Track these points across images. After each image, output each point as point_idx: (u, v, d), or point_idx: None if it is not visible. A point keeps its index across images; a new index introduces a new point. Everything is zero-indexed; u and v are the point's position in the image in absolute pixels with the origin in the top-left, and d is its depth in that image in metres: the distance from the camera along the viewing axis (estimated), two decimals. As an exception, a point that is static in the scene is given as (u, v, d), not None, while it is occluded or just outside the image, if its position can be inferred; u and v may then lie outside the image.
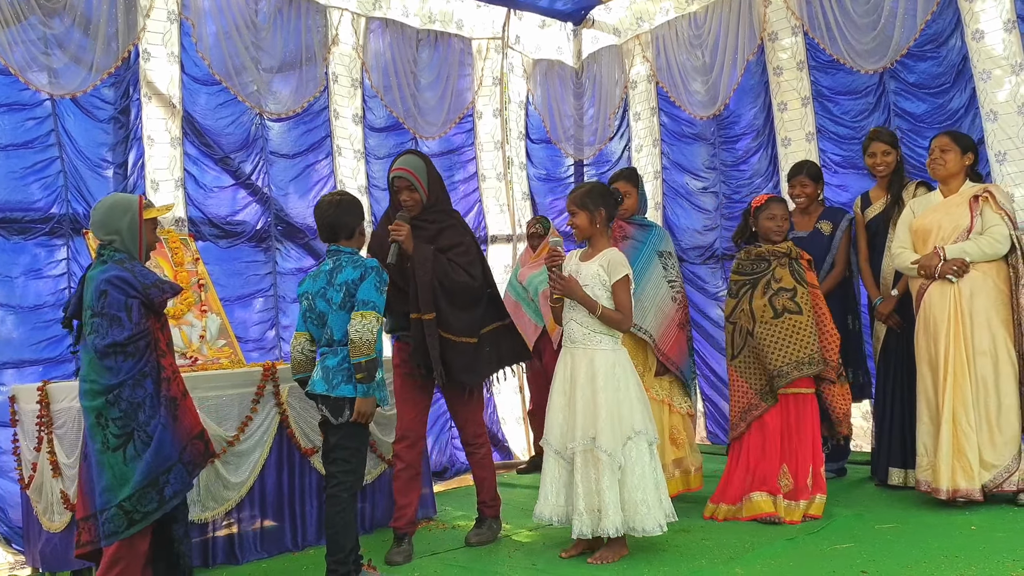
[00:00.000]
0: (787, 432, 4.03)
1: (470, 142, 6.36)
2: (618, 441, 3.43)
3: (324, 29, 5.42)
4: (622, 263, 3.57)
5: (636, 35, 6.45)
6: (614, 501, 3.40)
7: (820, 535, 3.70)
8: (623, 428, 3.45)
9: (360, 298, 3.20)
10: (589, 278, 3.55)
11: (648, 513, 3.43)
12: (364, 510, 4.33)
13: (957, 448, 3.88)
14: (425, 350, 3.69)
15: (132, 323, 2.99)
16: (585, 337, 3.53)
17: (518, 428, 6.36)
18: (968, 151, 4.12)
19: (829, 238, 4.69)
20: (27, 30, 4.24)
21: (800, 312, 4.02)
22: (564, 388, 3.58)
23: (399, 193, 3.76)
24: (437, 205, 3.85)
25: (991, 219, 3.96)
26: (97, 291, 3.01)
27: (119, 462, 2.97)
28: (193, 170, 4.92)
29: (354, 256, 3.33)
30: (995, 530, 3.56)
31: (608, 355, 3.52)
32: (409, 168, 3.76)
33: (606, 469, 3.40)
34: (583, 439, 3.45)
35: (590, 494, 3.44)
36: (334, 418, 3.24)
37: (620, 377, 3.51)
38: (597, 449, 3.41)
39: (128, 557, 3.00)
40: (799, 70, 5.58)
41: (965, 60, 4.78)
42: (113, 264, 3.05)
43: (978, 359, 3.91)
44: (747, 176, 5.93)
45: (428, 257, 3.69)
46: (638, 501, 3.43)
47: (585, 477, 3.45)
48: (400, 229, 3.65)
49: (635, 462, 3.45)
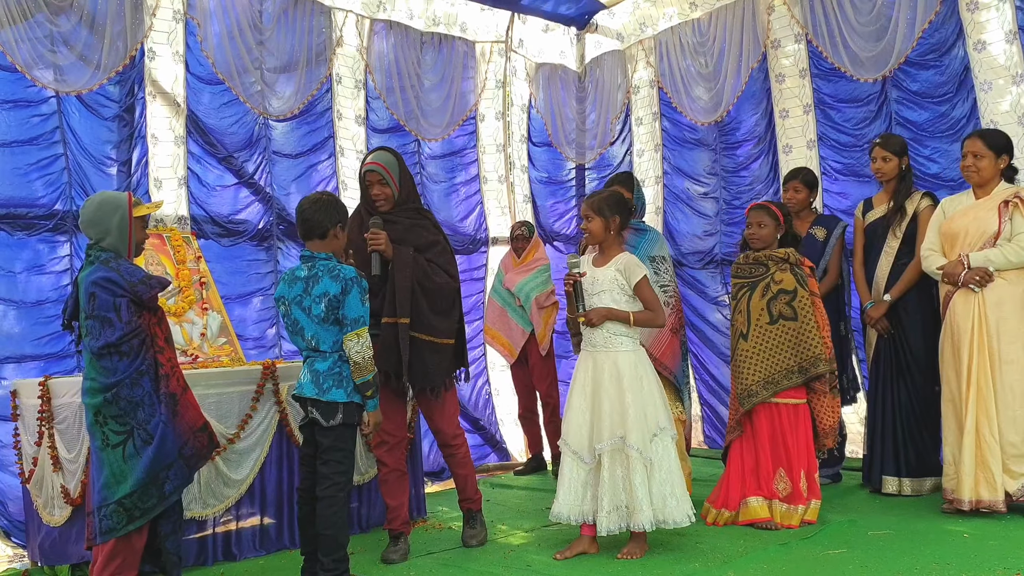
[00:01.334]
0: (781, 436, 4.03)
1: (472, 144, 6.38)
2: (646, 438, 3.54)
3: (328, 30, 5.45)
4: (637, 264, 3.67)
5: (639, 40, 6.48)
6: (646, 496, 3.49)
7: (813, 540, 3.72)
8: (649, 425, 3.56)
9: (350, 316, 3.22)
10: (607, 283, 3.63)
11: (677, 506, 3.55)
12: (360, 510, 4.36)
13: (980, 459, 3.85)
14: (394, 354, 3.66)
15: (123, 322, 3.00)
16: (607, 340, 3.61)
17: (516, 430, 6.38)
18: (1003, 153, 4.03)
19: (823, 244, 4.72)
20: (34, 27, 4.27)
21: (795, 318, 4.01)
22: (585, 391, 3.64)
23: (371, 187, 3.77)
24: (408, 202, 3.85)
25: (1020, 225, 3.90)
26: (87, 294, 3.02)
27: (118, 459, 2.99)
28: (196, 168, 4.95)
29: (330, 264, 3.31)
30: (987, 538, 3.58)
31: (630, 356, 3.62)
32: (381, 163, 3.77)
33: (637, 466, 3.50)
34: (611, 439, 3.53)
35: (616, 492, 3.52)
36: (326, 421, 3.26)
37: (643, 376, 3.62)
38: (628, 447, 3.50)
39: (125, 552, 3.03)
40: (801, 77, 5.61)
41: (967, 70, 4.80)
42: (99, 265, 3.05)
43: (1004, 367, 3.86)
44: (747, 182, 5.96)
45: (408, 261, 3.69)
46: (667, 495, 3.54)
47: (612, 475, 3.53)
48: (378, 238, 3.64)
49: (662, 457, 3.56)
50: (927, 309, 4.36)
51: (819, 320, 4.06)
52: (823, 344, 3.99)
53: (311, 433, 3.36)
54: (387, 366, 3.68)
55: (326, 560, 3.24)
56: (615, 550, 3.64)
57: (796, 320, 4.01)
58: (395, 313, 3.66)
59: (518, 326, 5.63)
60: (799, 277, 4.07)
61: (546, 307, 5.58)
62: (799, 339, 4.00)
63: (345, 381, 3.27)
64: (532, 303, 5.55)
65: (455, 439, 3.92)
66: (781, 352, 4.01)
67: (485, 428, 6.21)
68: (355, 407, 3.30)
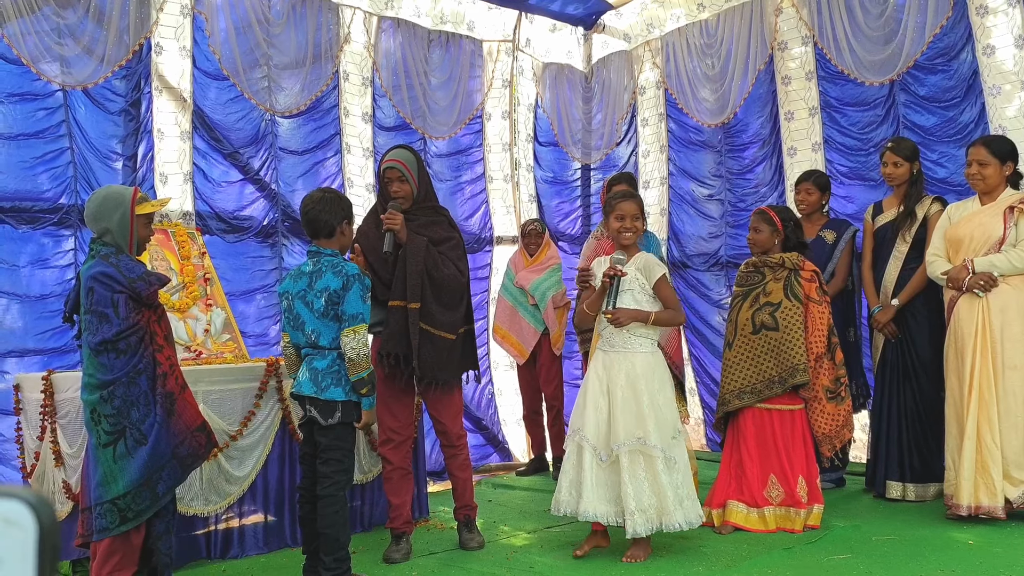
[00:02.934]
0: (773, 442, 4.00)
1: (478, 143, 6.37)
2: (666, 439, 3.55)
3: (336, 27, 5.44)
4: (656, 263, 3.69)
5: (646, 41, 6.46)
6: (676, 498, 3.52)
7: (817, 545, 3.71)
8: (667, 427, 3.58)
9: (349, 312, 3.20)
10: (628, 282, 3.63)
11: (692, 506, 3.58)
12: (362, 509, 4.35)
13: (981, 464, 3.83)
14: (400, 339, 3.65)
15: (120, 319, 2.96)
16: (625, 341, 3.61)
17: (519, 430, 6.36)
18: (1008, 159, 4.03)
19: (832, 247, 4.70)
20: (40, 20, 4.25)
21: (776, 329, 4.00)
22: (602, 389, 3.62)
23: (390, 184, 3.76)
24: (426, 201, 3.86)
25: None
26: (86, 288, 2.99)
27: (109, 459, 2.96)
28: (202, 164, 4.93)
29: (335, 260, 3.30)
30: (993, 545, 3.56)
31: (648, 357, 3.62)
32: (401, 160, 3.77)
33: (661, 467, 3.50)
34: (628, 440, 3.52)
35: (640, 493, 3.51)
36: (324, 419, 3.24)
37: (661, 378, 3.64)
38: (651, 448, 3.49)
39: (123, 550, 3.01)
40: (808, 80, 5.59)
41: (976, 74, 4.79)
42: (99, 260, 3.02)
43: (1008, 373, 3.85)
44: (752, 185, 5.94)
45: (420, 247, 3.68)
46: (683, 496, 3.57)
47: (634, 476, 3.52)
48: (394, 218, 3.64)
49: (678, 458, 3.59)
50: (935, 314, 4.34)
51: (811, 327, 4.01)
52: (804, 354, 3.96)
53: (310, 432, 3.35)
54: (390, 348, 3.66)
55: (327, 559, 3.22)
56: (617, 553, 3.63)
57: (777, 331, 4.00)
58: (404, 297, 3.65)
59: (529, 326, 5.58)
60: (789, 286, 4.04)
61: (561, 307, 5.55)
62: (780, 349, 3.99)
63: (344, 379, 3.25)
64: (548, 302, 5.51)
65: (460, 439, 3.91)
66: (764, 361, 4.01)
67: (488, 428, 6.19)
68: (354, 406, 3.28)
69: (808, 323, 4.02)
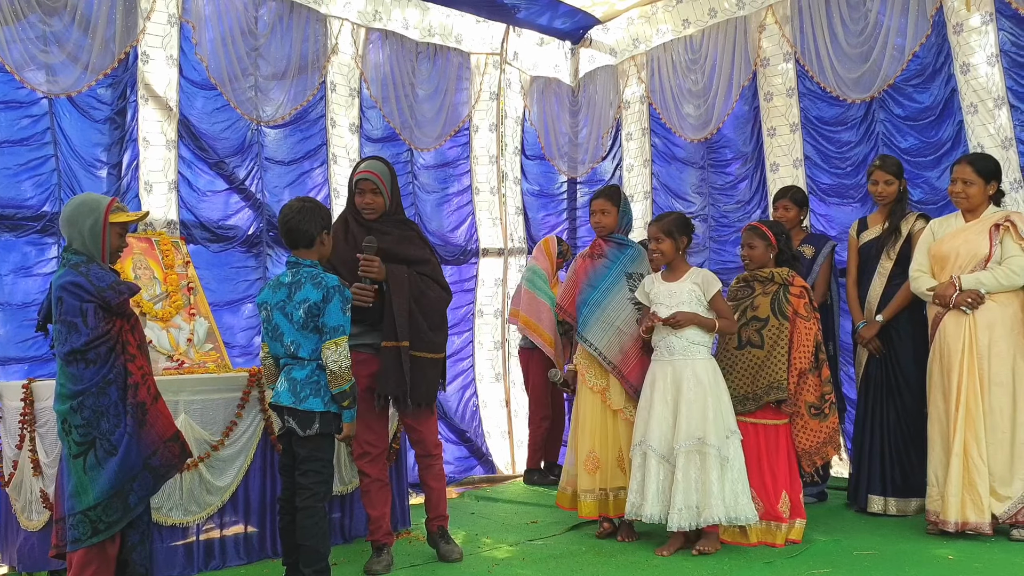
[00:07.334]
0: (756, 457, 3.98)
1: (465, 155, 6.39)
2: (722, 438, 3.79)
3: (324, 38, 5.45)
4: (713, 278, 3.98)
5: (632, 56, 6.51)
6: (719, 493, 3.73)
7: (798, 560, 3.72)
8: (725, 427, 3.82)
9: (329, 324, 3.20)
10: (685, 295, 3.92)
11: (747, 503, 3.80)
12: (343, 521, 4.33)
13: (968, 481, 3.85)
14: (394, 377, 3.64)
15: (89, 328, 2.93)
16: (685, 349, 3.88)
17: (503, 442, 6.36)
18: (992, 179, 4.06)
19: (811, 262, 4.74)
20: (26, 28, 4.24)
21: (762, 347, 4.03)
22: (667, 398, 3.87)
23: (363, 195, 3.75)
24: (397, 214, 3.86)
25: (1010, 249, 3.93)
26: (55, 298, 2.97)
27: (80, 470, 2.94)
28: (187, 173, 4.92)
29: (314, 271, 3.29)
30: (973, 560, 3.59)
31: (706, 363, 3.90)
32: (376, 172, 3.76)
33: (714, 464, 3.74)
34: (687, 440, 3.77)
35: (689, 492, 3.75)
36: (302, 430, 3.23)
37: (718, 382, 3.91)
38: (707, 446, 3.74)
39: (98, 561, 2.98)
40: (789, 96, 5.64)
41: (954, 92, 4.85)
42: (69, 269, 2.99)
43: (994, 389, 3.88)
44: (735, 200, 5.97)
45: (404, 281, 3.68)
46: (739, 492, 3.79)
47: (686, 476, 3.76)
48: (371, 265, 3.60)
49: (735, 457, 3.82)
50: (919, 331, 4.37)
51: (796, 343, 4.01)
52: (785, 372, 3.98)
53: (289, 443, 3.33)
54: (388, 390, 3.66)
55: (307, 571, 3.21)
56: (618, 554, 3.64)
57: (762, 348, 4.03)
58: (395, 337, 3.64)
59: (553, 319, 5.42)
60: (777, 302, 4.06)
61: None
62: (761, 367, 4.00)
63: (323, 390, 3.24)
64: None
65: (437, 448, 3.93)
66: (741, 377, 4.03)
67: (471, 440, 6.18)
68: (332, 417, 3.27)
69: (794, 339, 4.03)
